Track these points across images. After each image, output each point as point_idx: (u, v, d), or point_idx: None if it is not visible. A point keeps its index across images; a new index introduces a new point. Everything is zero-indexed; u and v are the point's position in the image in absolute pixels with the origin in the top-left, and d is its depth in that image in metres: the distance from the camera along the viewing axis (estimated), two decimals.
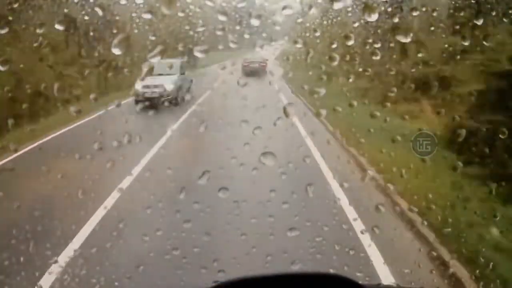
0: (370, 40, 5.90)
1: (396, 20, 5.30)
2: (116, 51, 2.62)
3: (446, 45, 9.57)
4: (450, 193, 5.37)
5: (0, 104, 8.57)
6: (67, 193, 5.01)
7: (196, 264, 3.88)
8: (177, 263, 4.02)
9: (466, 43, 7.45)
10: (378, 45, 5.78)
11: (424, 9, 7.95)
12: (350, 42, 4.22)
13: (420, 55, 9.46)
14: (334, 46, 5.46)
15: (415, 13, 7.80)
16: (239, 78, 12.50)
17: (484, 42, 7.34)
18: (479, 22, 6.40)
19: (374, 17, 3.30)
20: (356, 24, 6.43)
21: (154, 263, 4.13)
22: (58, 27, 6.04)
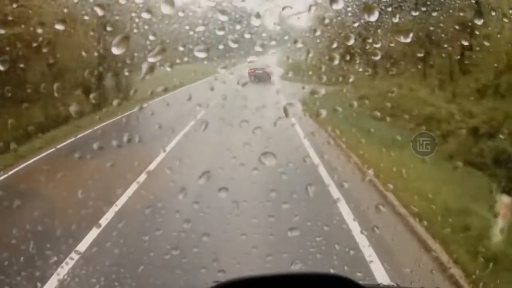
0: (370, 40, 5.89)
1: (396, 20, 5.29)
2: (116, 50, 2.62)
3: None
4: None
5: None
6: None
7: (196, 264, 3.88)
8: (177, 263, 4.02)
9: None
10: (378, 45, 5.77)
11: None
12: (350, 42, 4.21)
13: None
14: (334, 46, 5.46)
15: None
16: None
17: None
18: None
19: (374, 17, 3.30)
20: (356, 24, 6.42)
21: (154, 263, 4.13)
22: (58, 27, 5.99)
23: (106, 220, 5.13)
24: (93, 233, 4.84)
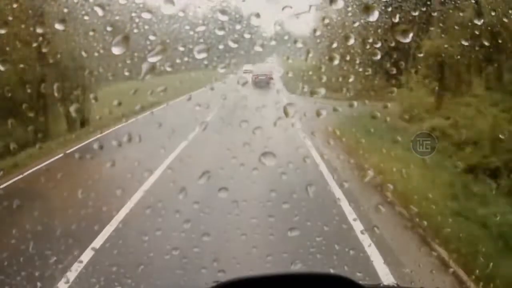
0: (370, 40, 5.85)
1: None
2: (116, 50, 2.61)
3: None
4: None
5: None
6: None
7: (196, 264, 3.88)
8: (177, 263, 4.02)
9: None
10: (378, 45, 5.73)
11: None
12: (350, 42, 4.19)
13: None
14: (334, 46, 5.44)
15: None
16: None
17: None
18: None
19: (373, 17, 3.29)
20: (357, 24, 6.40)
21: (154, 263, 4.13)
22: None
23: None
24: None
